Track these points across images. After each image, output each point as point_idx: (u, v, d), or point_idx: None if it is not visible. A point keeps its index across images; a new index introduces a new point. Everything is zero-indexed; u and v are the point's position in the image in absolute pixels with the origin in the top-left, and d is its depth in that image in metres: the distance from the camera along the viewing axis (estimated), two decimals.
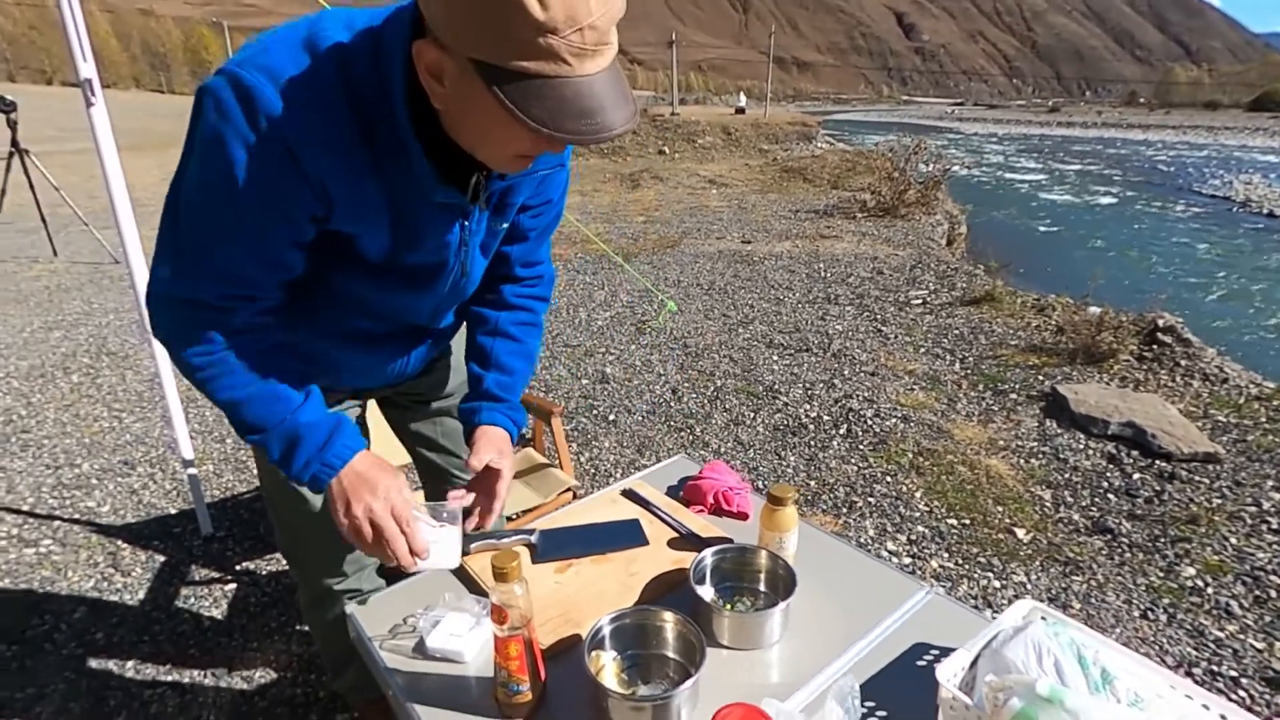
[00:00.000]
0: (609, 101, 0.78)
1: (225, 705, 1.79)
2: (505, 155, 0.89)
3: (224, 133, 0.82)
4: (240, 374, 0.98)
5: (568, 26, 0.72)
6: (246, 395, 0.99)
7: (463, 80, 0.78)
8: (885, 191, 8.82)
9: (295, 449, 1.00)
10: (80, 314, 4.87)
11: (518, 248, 1.23)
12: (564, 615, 1.14)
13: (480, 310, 1.28)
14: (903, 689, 1.03)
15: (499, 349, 1.25)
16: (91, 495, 2.75)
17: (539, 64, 0.74)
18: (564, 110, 0.75)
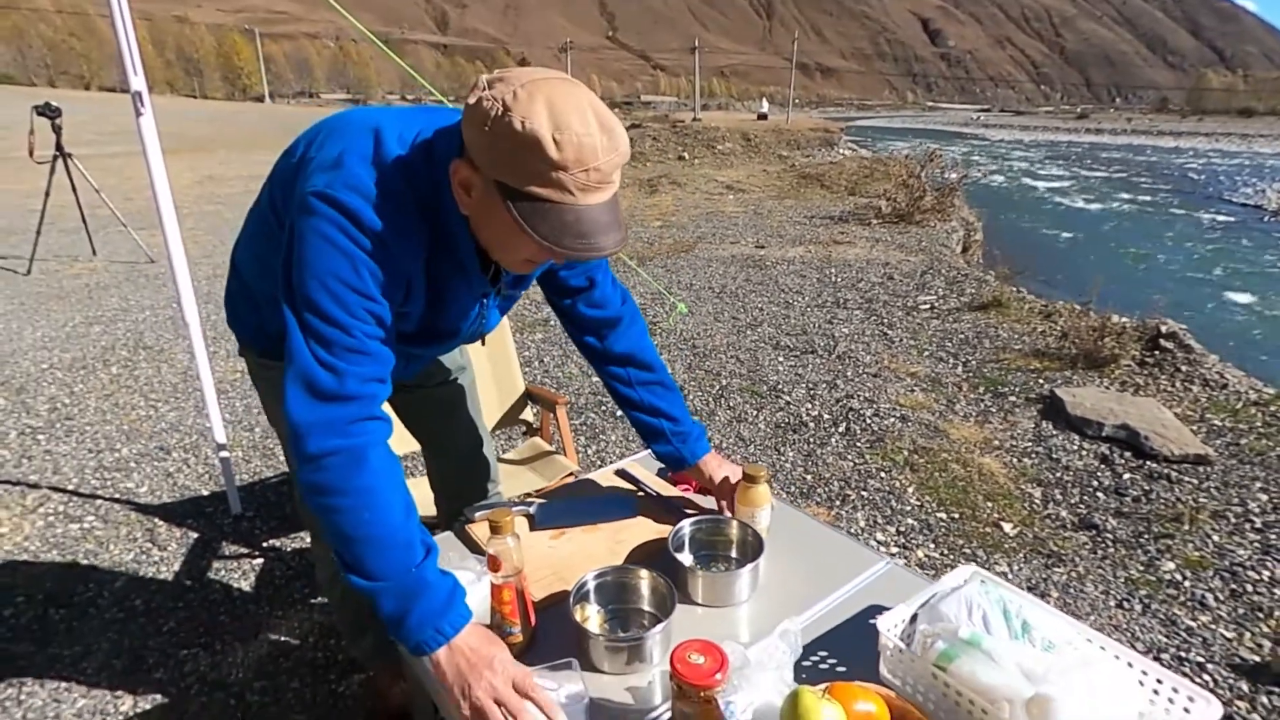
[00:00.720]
0: (602, 227, 0.95)
1: (253, 665, 1.95)
2: (516, 259, 1.07)
3: (337, 240, 0.96)
4: (378, 507, 0.99)
5: (576, 167, 0.90)
6: (378, 534, 0.99)
7: (487, 196, 0.96)
8: (901, 198, 8.88)
9: (412, 606, 0.98)
10: (118, 310, 5.11)
11: (576, 299, 1.39)
12: (555, 574, 1.28)
13: (606, 371, 1.43)
14: (853, 642, 1.15)
15: (645, 397, 1.41)
16: (130, 477, 2.94)
17: (548, 191, 0.91)
18: (564, 230, 0.92)
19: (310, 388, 0.98)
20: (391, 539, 1.00)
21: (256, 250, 1.30)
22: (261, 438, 3.27)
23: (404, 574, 0.99)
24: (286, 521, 2.61)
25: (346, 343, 0.99)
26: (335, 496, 0.98)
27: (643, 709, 1.03)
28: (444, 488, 1.71)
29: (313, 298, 0.97)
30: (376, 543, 0.99)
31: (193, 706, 1.83)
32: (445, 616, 0.99)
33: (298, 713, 1.81)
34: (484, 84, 0.94)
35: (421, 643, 0.98)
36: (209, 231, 7.71)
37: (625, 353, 1.42)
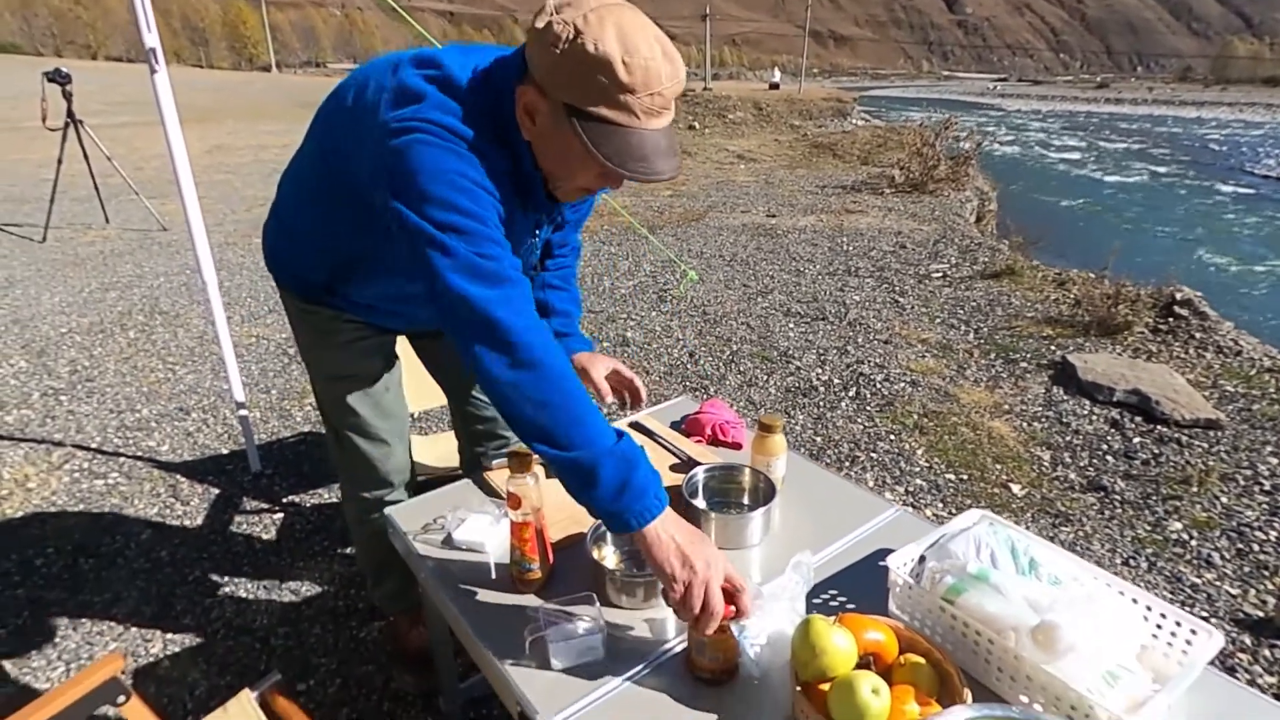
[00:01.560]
0: (662, 152, 0.99)
1: (276, 612, 2.01)
2: (573, 186, 1.11)
3: (445, 146, 0.98)
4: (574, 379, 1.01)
5: (643, 90, 0.94)
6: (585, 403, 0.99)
7: (553, 119, 0.99)
8: (915, 167, 8.77)
9: (632, 473, 0.97)
10: (133, 276, 5.16)
11: (557, 235, 1.45)
12: (571, 518, 1.31)
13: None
14: (863, 581, 1.18)
15: (551, 300, 1.52)
16: (151, 436, 3.00)
17: (615, 113, 0.95)
18: (627, 153, 0.97)
19: (477, 273, 0.97)
20: (594, 411, 1.00)
21: (301, 191, 1.33)
22: (278, 399, 3.32)
23: (616, 442, 0.98)
24: (305, 479, 2.66)
25: (486, 233, 0.99)
26: (538, 369, 0.97)
27: (657, 642, 1.07)
28: (469, 437, 1.75)
29: (441, 195, 0.96)
30: (587, 411, 0.99)
31: (220, 649, 1.89)
32: (657, 486, 0.99)
33: (320, 656, 1.87)
34: (553, 8, 0.96)
35: (645, 509, 0.97)
36: (219, 200, 7.73)
37: (554, 268, 1.53)
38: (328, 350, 1.46)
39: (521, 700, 0.96)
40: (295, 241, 1.38)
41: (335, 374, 1.47)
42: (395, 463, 1.57)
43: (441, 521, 1.33)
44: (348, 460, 1.55)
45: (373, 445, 1.53)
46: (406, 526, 1.34)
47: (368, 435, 1.52)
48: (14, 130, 12.19)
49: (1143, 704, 0.84)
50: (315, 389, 1.56)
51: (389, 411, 1.54)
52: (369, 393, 1.49)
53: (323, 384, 1.50)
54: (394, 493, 1.59)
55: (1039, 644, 0.87)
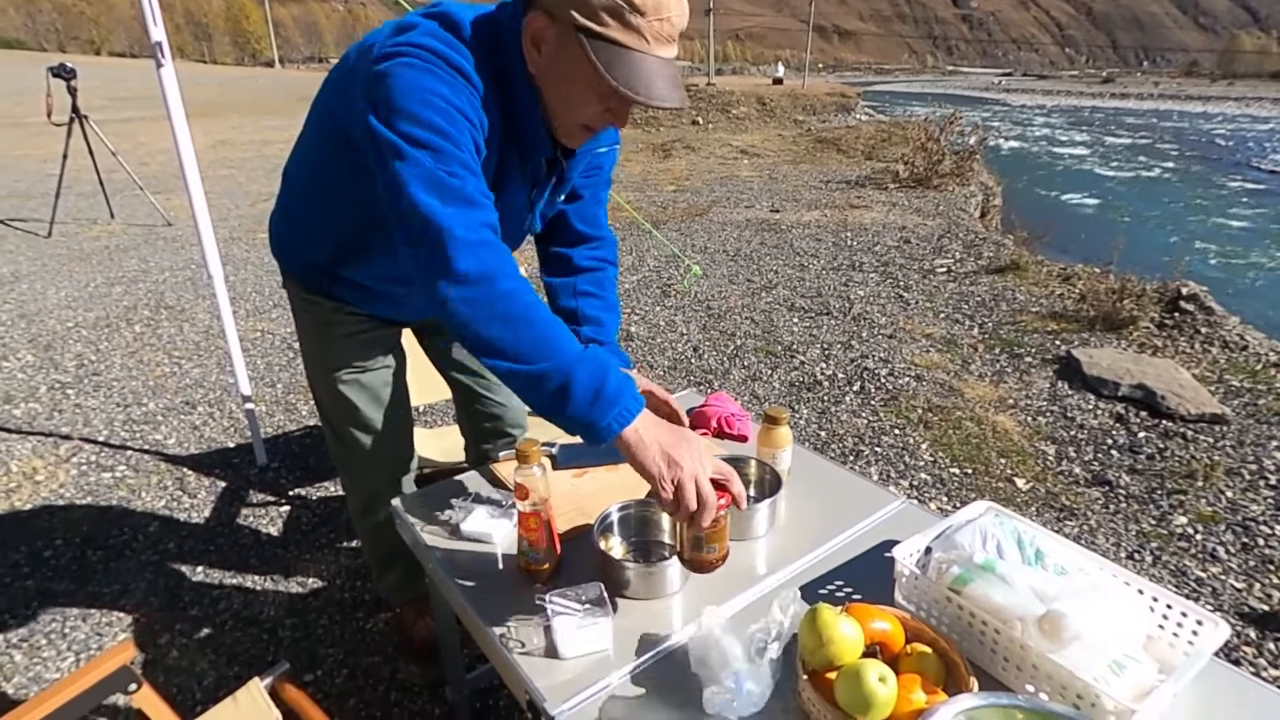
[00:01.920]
0: (669, 81, 1.01)
1: (283, 603, 2.03)
2: (576, 121, 1.10)
3: (428, 68, 0.97)
4: (534, 294, 0.99)
5: (653, 14, 0.97)
6: (547, 315, 0.98)
7: (561, 43, 1.00)
8: (919, 162, 8.74)
9: (606, 377, 0.95)
10: (138, 271, 5.17)
11: (573, 206, 1.42)
12: (579, 509, 1.32)
13: (556, 280, 1.46)
14: (868, 573, 1.18)
15: (583, 307, 1.42)
16: (158, 430, 3.01)
17: (625, 35, 0.97)
18: (636, 76, 0.98)
19: (439, 188, 0.95)
20: (558, 324, 0.99)
21: (303, 172, 1.33)
22: (283, 393, 3.33)
23: (585, 349, 0.97)
24: (310, 472, 2.67)
25: (455, 154, 0.97)
26: (499, 281, 0.95)
27: (664, 631, 1.07)
28: (475, 435, 1.75)
29: (413, 110, 0.95)
30: (551, 324, 0.97)
31: (228, 640, 1.91)
32: (632, 389, 0.98)
33: (327, 647, 1.88)
34: None
35: (622, 411, 0.95)
36: (223, 195, 7.74)
37: (586, 267, 1.44)
38: (329, 342, 1.45)
39: (530, 690, 0.97)
40: (298, 224, 1.38)
41: (336, 366, 1.46)
42: (396, 456, 1.58)
43: (449, 512, 1.34)
44: (348, 455, 1.56)
45: (373, 440, 1.52)
46: (414, 517, 1.34)
47: (368, 429, 1.51)
48: (19, 126, 12.22)
49: (1148, 693, 0.85)
50: (314, 384, 1.53)
51: (391, 406, 1.53)
52: (369, 386, 1.48)
53: (323, 378, 1.49)
54: (396, 486, 1.60)
55: (1045, 633, 0.88)
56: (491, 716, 1.68)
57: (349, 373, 1.46)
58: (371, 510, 1.60)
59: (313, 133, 1.28)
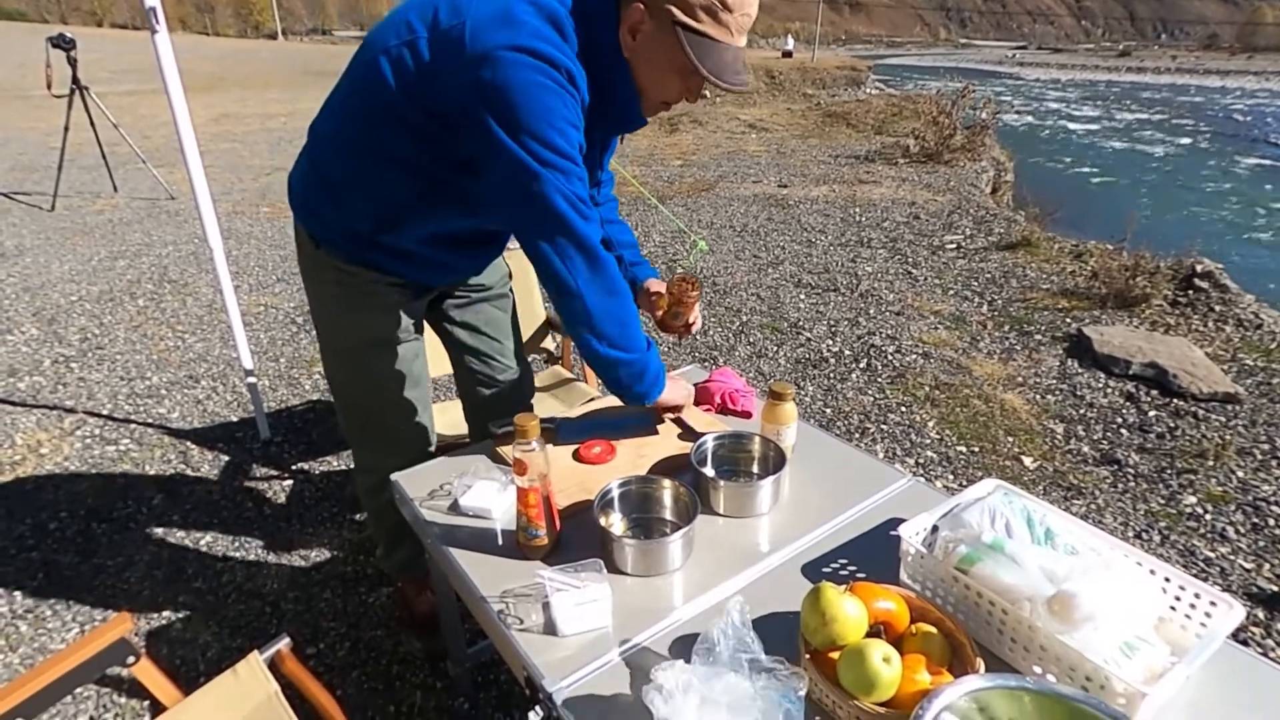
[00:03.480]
0: (741, 68, 1.18)
1: (286, 577, 2.03)
2: (659, 100, 1.25)
3: (546, 83, 1.09)
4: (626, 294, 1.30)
5: (738, 10, 1.13)
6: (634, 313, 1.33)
7: (656, 35, 1.14)
8: (930, 137, 8.59)
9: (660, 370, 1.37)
10: (141, 245, 5.15)
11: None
12: (579, 485, 1.30)
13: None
14: (873, 551, 1.16)
15: (613, 234, 1.60)
16: (162, 403, 3.01)
17: (715, 29, 1.12)
18: (722, 66, 1.14)
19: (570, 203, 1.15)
20: (635, 313, 1.32)
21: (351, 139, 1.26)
22: (286, 368, 3.32)
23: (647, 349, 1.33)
24: (313, 446, 2.67)
25: (577, 171, 1.15)
26: (610, 280, 1.25)
27: (664, 609, 1.06)
28: (476, 411, 1.72)
29: (543, 134, 1.10)
30: (636, 319, 1.31)
31: (231, 613, 1.91)
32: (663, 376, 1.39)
33: (330, 620, 1.88)
34: None
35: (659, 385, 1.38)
36: (227, 169, 7.68)
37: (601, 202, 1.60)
38: (363, 315, 1.41)
39: (528, 666, 0.96)
40: (337, 192, 1.31)
41: (366, 340, 1.43)
42: (419, 436, 1.56)
43: (448, 487, 1.32)
44: (366, 434, 1.54)
45: (401, 416, 1.51)
46: (413, 493, 1.33)
47: (397, 405, 1.50)
48: (22, 98, 12.13)
49: (1160, 675, 0.83)
50: (334, 360, 1.50)
51: (418, 379, 1.52)
52: (402, 359, 1.47)
53: (347, 353, 1.46)
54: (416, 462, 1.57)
55: (1055, 614, 0.86)
56: (493, 690, 1.68)
57: (379, 347, 1.44)
58: (384, 488, 1.57)
59: (361, 101, 1.22)
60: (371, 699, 1.67)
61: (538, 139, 1.09)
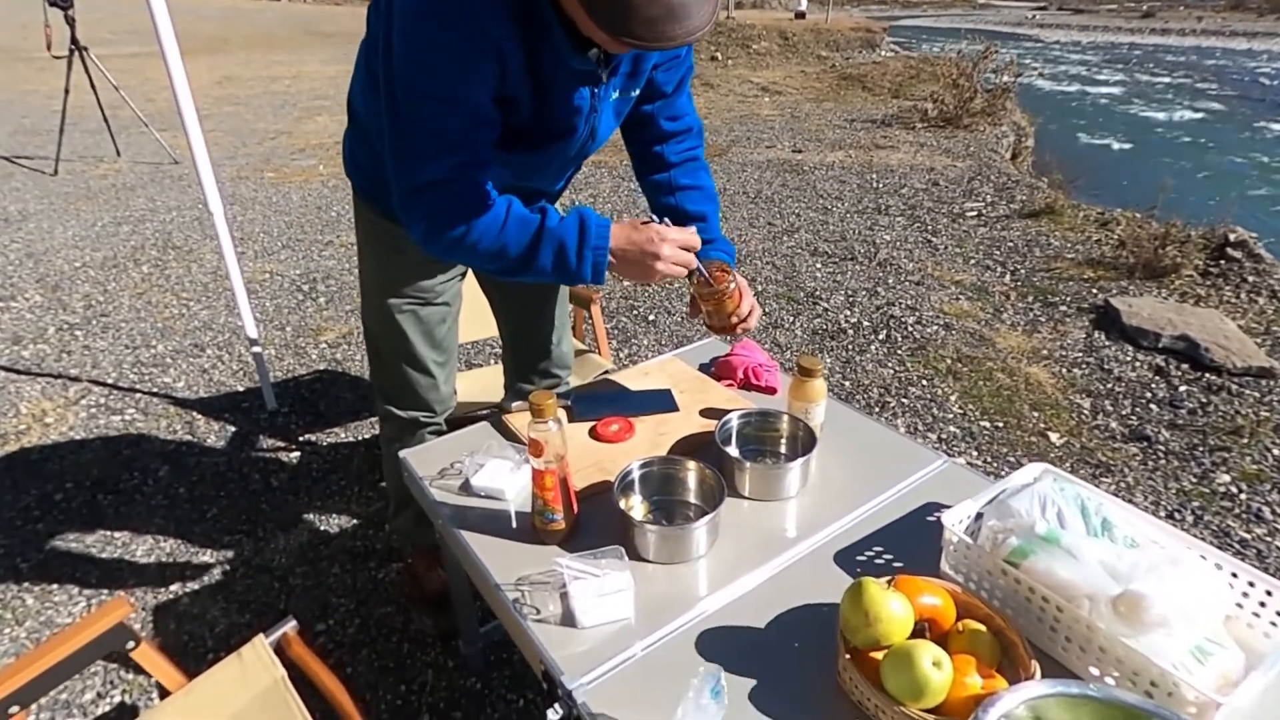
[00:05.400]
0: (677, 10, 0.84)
1: (294, 551, 1.99)
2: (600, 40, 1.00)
3: (426, 21, 0.97)
4: (492, 222, 1.08)
5: None
6: (504, 235, 1.09)
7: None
8: (949, 100, 8.33)
9: (564, 249, 1.09)
10: (145, 210, 5.07)
11: (658, 104, 1.35)
12: (597, 464, 1.23)
13: (653, 179, 1.42)
14: (910, 538, 1.10)
15: (684, 201, 1.39)
16: (167, 373, 2.96)
17: None
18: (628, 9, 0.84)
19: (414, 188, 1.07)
20: (513, 224, 1.09)
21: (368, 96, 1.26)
22: (293, 336, 3.26)
23: (536, 234, 1.09)
24: (321, 417, 2.62)
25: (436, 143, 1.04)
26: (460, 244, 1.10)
27: (690, 598, 1.00)
28: (518, 373, 1.70)
29: (395, 106, 1.02)
30: (507, 238, 1.09)
31: (239, 588, 1.88)
32: (589, 237, 1.09)
33: (339, 596, 1.84)
34: None
35: (597, 265, 1.10)
36: (230, 133, 7.55)
37: (678, 160, 1.40)
38: (396, 268, 1.42)
39: (546, 661, 0.90)
40: (368, 137, 1.30)
41: (397, 294, 1.42)
42: (438, 394, 1.56)
43: (460, 466, 1.26)
44: (389, 380, 1.53)
45: (419, 374, 1.51)
46: (423, 471, 1.27)
47: (415, 364, 1.50)
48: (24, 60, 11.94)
49: (1236, 683, 0.76)
50: (368, 310, 1.49)
51: (441, 344, 1.51)
52: (425, 320, 1.46)
53: (380, 304, 1.44)
54: (433, 417, 1.57)
55: (1122, 615, 0.79)
56: (505, 670, 1.64)
57: (409, 303, 1.44)
58: (401, 435, 1.56)
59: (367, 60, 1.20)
60: (381, 678, 1.63)
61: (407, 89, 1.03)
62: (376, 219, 1.37)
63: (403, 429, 1.56)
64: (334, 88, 10.28)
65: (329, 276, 3.91)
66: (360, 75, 1.26)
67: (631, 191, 5.59)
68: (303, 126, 7.76)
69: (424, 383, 1.52)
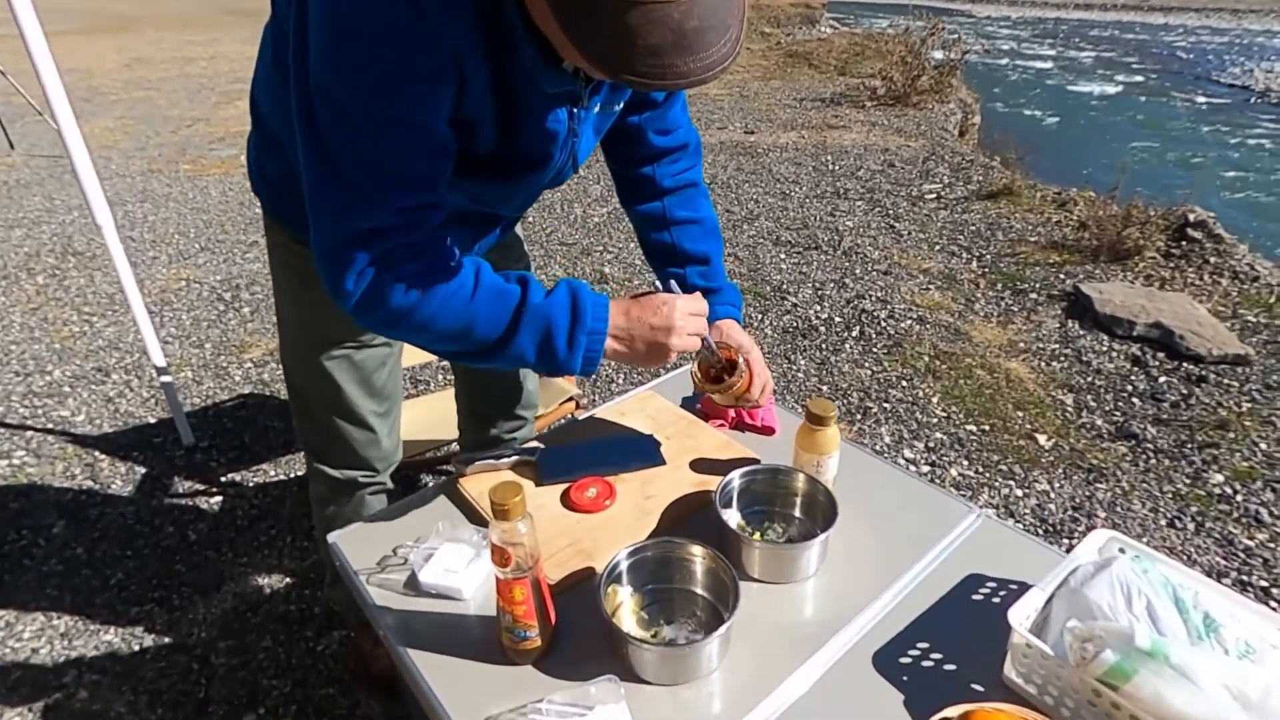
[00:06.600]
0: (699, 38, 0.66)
1: (216, 622, 1.72)
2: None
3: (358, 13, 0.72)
4: (455, 292, 0.84)
5: None
6: (471, 310, 0.85)
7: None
8: (897, 78, 8.26)
9: (551, 334, 0.87)
10: (42, 211, 4.57)
11: (647, 115, 1.10)
12: (574, 546, 1.02)
13: (643, 209, 1.18)
14: (958, 626, 0.92)
15: (682, 239, 1.18)
16: (65, 404, 2.60)
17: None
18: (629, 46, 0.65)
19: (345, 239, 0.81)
20: (484, 299, 0.86)
21: (275, 93, 0.98)
22: (213, 354, 2.92)
23: (518, 315, 0.86)
24: (246, 452, 2.32)
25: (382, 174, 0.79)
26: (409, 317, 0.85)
27: None
28: (477, 415, 1.46)
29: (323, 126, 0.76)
30: (475, 316, 0.85)
31: (149, 673, 1.60)
32: (584, 317, 0.88)
33: (270, 676, 1.59)
34: None
35: (590, 353, 0.89)
36: (141, 120, 6.93)
37: (672, 187, 1.17)
38: (320, 308, 1.12)
39: None
40: (282, 152, 1.02)
41: (324, 338, 1.15)
42: (379, 450, 1.29)
43: (404, 553, 1.03)
44: (317, 434, 1.26)
45: (355, 428, 1.24)
46: (358, 562, 1.03)
47: (350, 417, 1.22)
48: None
49: None
50: (290, 358, 1.23)
51: (381, 391, 1.24)
52: (362, 366, 1.19)
53: (303, 351, 1.18)
54: (374, 477, 1.31)
55: None
56: None
57: (339, 348, 1.16)
58: (340, 500, 1.31)
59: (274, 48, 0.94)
60: None
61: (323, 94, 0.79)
62: (293, 245, 1.10)
63: (337, 490, 1.31)
64: None
65: (254, 282, 3.55)
66: (266, 67, 0.99)
67: (581, 179, 5.31)
68: (221, 113, 7.19)
69: (361, 438, 1.26)
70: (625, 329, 0.91)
